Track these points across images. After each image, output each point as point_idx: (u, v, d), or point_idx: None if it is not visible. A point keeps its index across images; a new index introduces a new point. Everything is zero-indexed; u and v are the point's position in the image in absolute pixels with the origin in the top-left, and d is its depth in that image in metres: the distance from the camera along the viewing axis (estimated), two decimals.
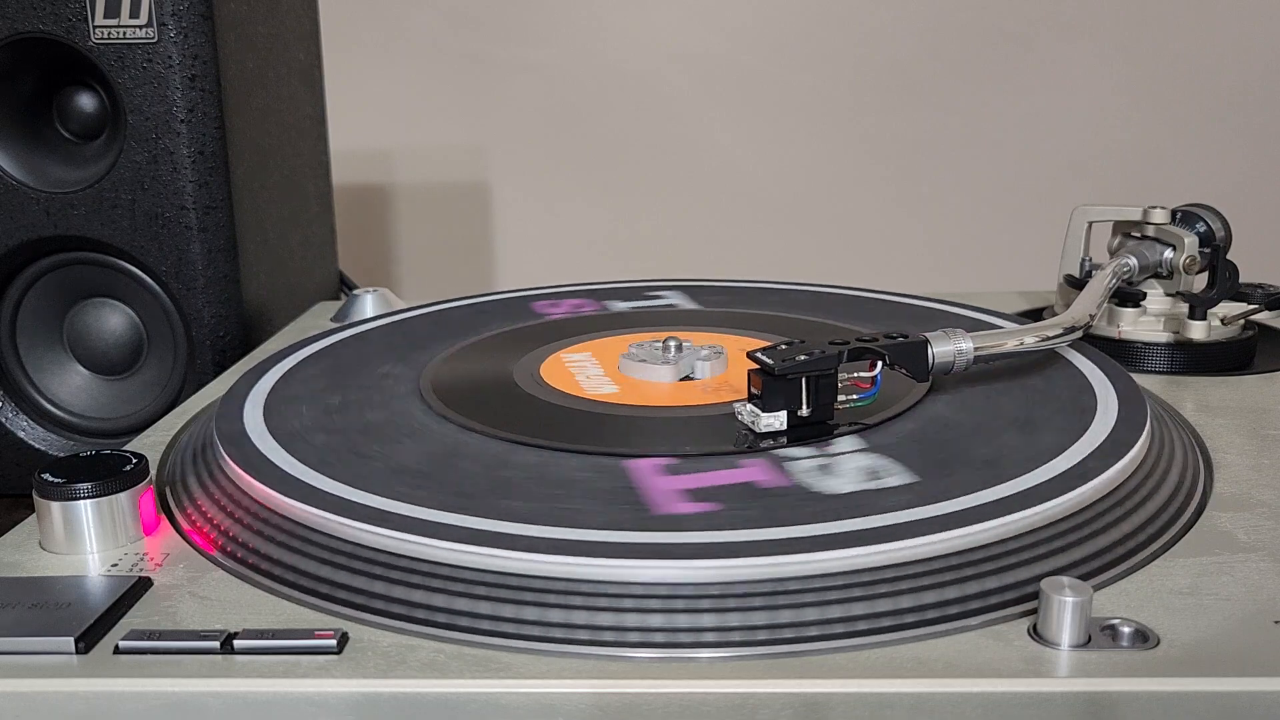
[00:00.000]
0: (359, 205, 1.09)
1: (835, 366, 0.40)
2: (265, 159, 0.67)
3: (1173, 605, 0.30)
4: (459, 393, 0.46)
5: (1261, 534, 0.35)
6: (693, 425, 0.42)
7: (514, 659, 0.29)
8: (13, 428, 0.64)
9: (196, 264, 0.61)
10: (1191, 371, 0.53)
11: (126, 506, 0.36)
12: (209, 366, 0.62)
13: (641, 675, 0.28)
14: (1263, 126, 1.04)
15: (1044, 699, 0.27)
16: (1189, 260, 0.54)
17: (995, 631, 0.29)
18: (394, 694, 0.28)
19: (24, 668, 0.29)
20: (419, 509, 0.34)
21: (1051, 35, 1.03)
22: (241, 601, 0.32)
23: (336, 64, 0.83)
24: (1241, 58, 1.02)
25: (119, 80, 0.59)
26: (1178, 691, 0.27)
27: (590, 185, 1.08)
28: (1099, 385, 0.44)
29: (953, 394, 0.44)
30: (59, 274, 0.63)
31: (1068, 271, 0.60)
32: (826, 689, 0.27)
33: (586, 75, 1.05)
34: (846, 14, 1.03)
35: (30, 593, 0.32)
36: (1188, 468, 0.39)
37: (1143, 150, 1.05)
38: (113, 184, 0.60)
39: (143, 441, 0.47)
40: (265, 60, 0.67)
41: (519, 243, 1.10)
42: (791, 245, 1.08)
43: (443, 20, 1.04)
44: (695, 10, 1.04)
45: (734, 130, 1.06)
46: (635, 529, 0.32)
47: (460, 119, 1.07)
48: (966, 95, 1.04)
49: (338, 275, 0.82)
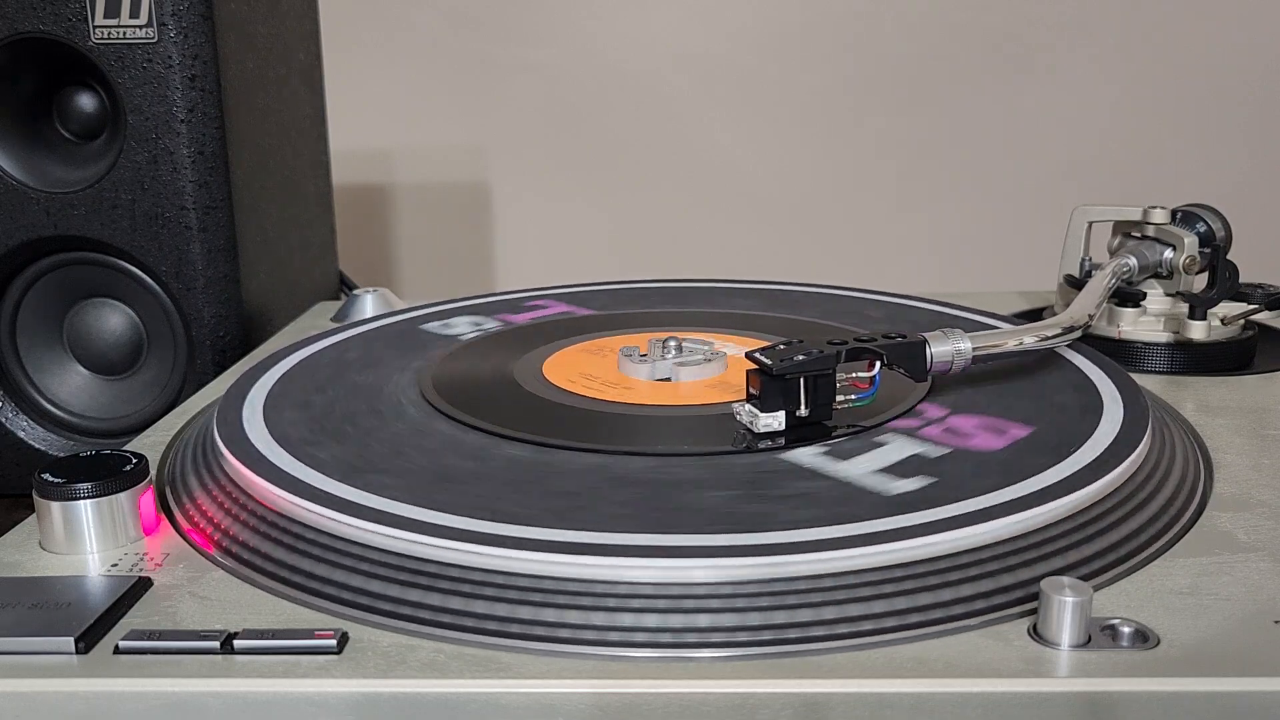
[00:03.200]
0: (359, 205, 1.09)
1: (833, 366, 0.40)
2: (265, 159, 0.67)
3: (1173, 605, 0.30)
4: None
5: (1261, 534, 0.35)
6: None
7: (514, 659, 0.29)
8: (13, 428, 0.64)
9: (196, 264, 0.61)
10: (1191, 371, 0.53)
11: (126, 506, 0.36)
12: (209, 366, 0.62)
13: (641, 675, 0.28)
14: (1263, 126, 1.04)
15: (1044, 699, 0.27)
16: (1189, 260, 0.54)
17: (995, 631, 0.29)
18: (394, 694, 0.28)
19: (24, 668, 0.29)
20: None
21: (1051, 35, 1.03)
22: (241, 601, 0.32)
23: (336, 64, 0.83)
24: (1241, 58, 1.02)
25: (119, 80, 0.59)
26: (1178, 691, 0.27)
27: (590, 185, 1.08)
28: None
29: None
30: (59, 274, 0.63)
31: (1068, 271, 0.60)
32: (826, 689, 0.27)
33: (586, 75, 1.05)
34: (846, 14, 1.03)
35: (30, 593, 0.32)
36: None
37: (1143, 150, 1.05)
38: (113, 184, 0.60)
39: (143, 441, 0.47)
40: (265, 60, 0.67)
41: (519, 243, 1.10)
42: (791, 245, 1.08)
43: (443, 20, 1.04)
44: (695, 10, 1.04)
45: (734, 130, 1.06)
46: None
47: (460, 119, 1.07)
48: (966, 95, 1.04)
49: (338, 275, 0.82)
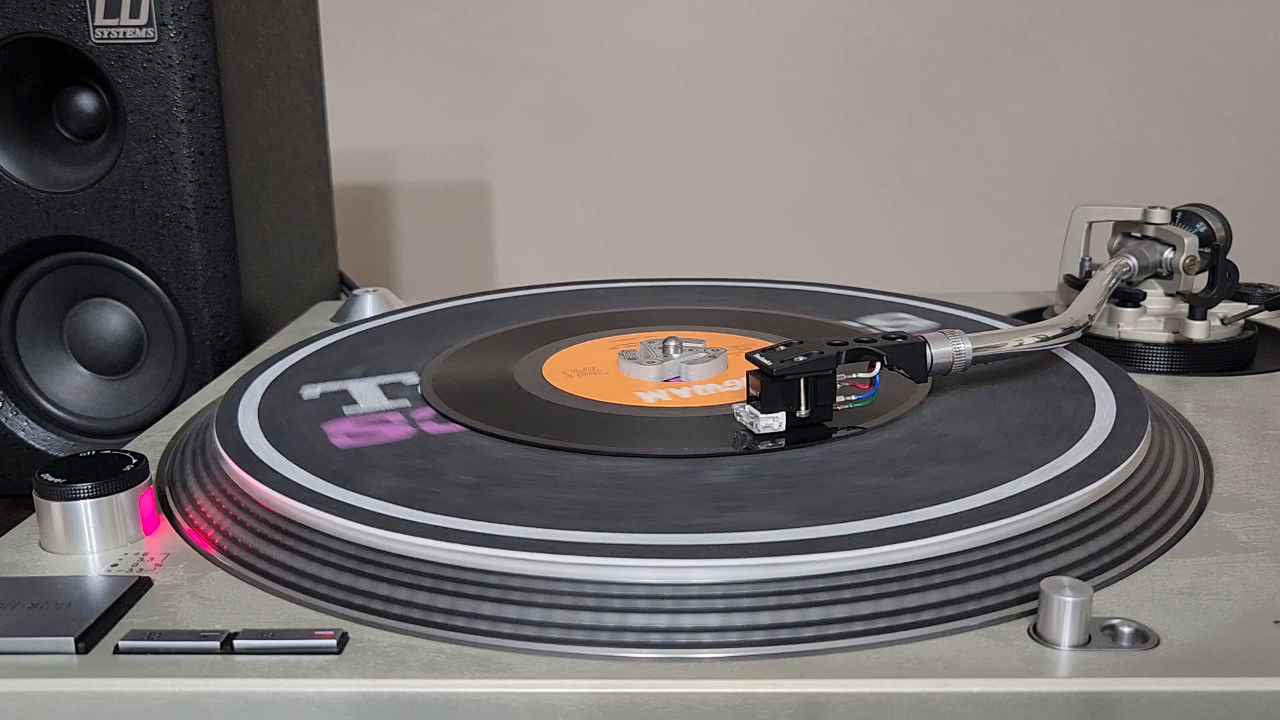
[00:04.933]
0: (359, 205, 1.09)
1: (833, 367, 0.40)
2: (265, 159, 0.67)
3: (1173, 605, 0.30)
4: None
5: (1261, 534, 0.35)
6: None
7: (514, 659, 0.29)
8: (13, 428, 0.64)
9: (196, 264, 0.61)
10: (1191, 371, 0.53)
11: (126, 506, 0.36)
12: (209, 366, 0.62)
13: (641, 675, 0.28)
14: (1263, 126, 1.04)
15: (1044, 699, 0.27)
16: (1189, 260, 0.54)
17: (995, 631, 0.29)
18: (394, 694, 0.28)
19: (24, 668, 0.29)
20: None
21: (1051, 35, 1.03)
22: (241, 601, 0.32)
23: (336, 64, 0.83)
24: (1241, 58, 1.02)
25: (119, 80, 0.59)
26: (1178, 691, 0.27)
27: (591, 185, 1.08)
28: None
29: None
30: (59, 274, 0.63)
31: (1068, 271, 0.60)
32: (826, 689, 0.27)
33: (586, 75, 1.05)
34: (846, 14, 1.03)
35: (30, 593, 0.32)
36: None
37: (1143, 150, 1.05)
38: (113, 184, 0.60)
39: (143, 441, 0.47)
40: (265, 60, 0.67)
41: (519, 243, 1.10)
42: (791, 245, 1.08)
43: (443, 20, 1.04)
44: (695, 10, 1.04)
45: (734, 130, 1.06)
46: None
47: (460, 119, 1.07)
48: (966, 95, 1.04)
49: (338, 275, 0.82)
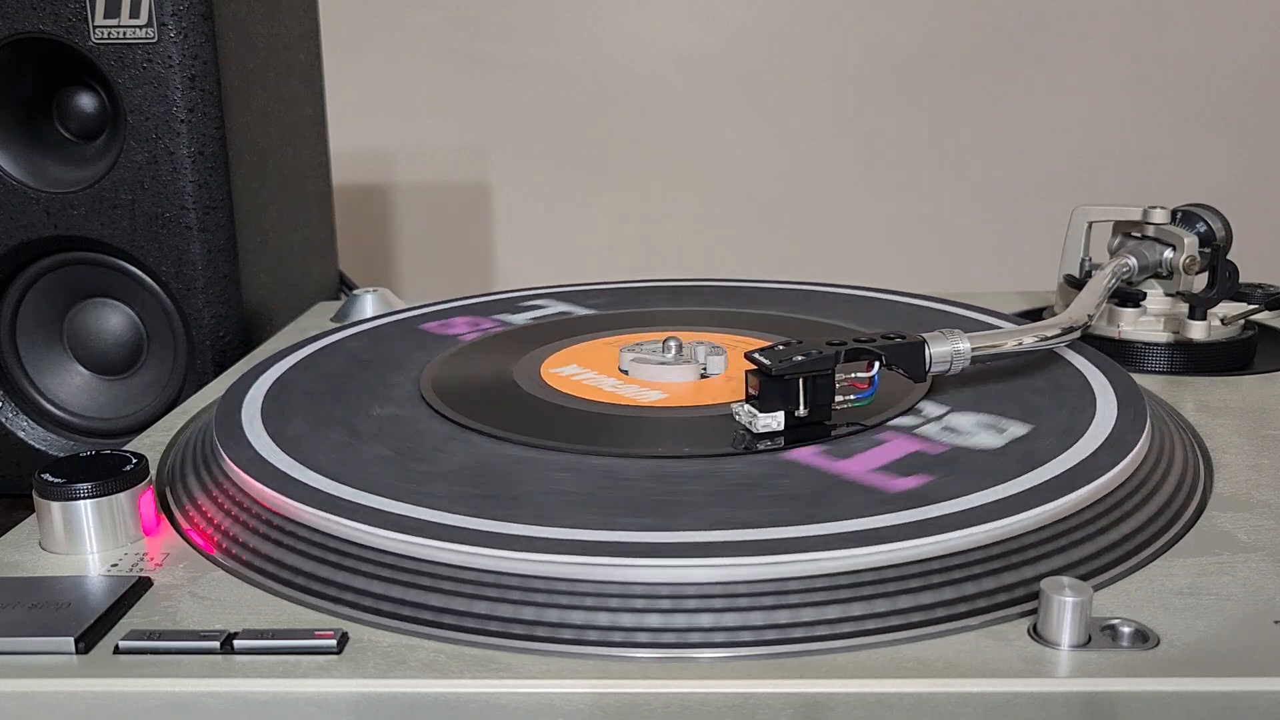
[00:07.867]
0: (359, 205, 1.09)
1: (832, 367, 0.40)
2: (265, 159, 0.67)
3: (1173, 605, 0.30)
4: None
5: (1261, 534, 0.35)
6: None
7: (514, 659, 0.29)
8: (13, 428, 0.64)
9: (196, 264, 0.61)
10: (1191, 371, 0.53)
11: (126, 506, 0.36)
12: (209, 366, 0.62)
13: (641, 675, 0.28)
14: (1263, 126, 1.04)
15: (1044, 699, 0.27)
16: (1189, 260, 0.54)
17: (995, 631, 0.29)
18: (394, 694, 0.28)
19: (24, 668, 0.29)
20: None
21: (1051, 35, 1.03)
22: (241, 601, 0.32)
23: (336, 64, 0.83)
24: (1241, 58, 1.02)
25: (119, 80, 0.59)
26: (1178, 691, 0.27)
27: (590, 185, 1.08)
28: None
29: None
30: (59, 274, 0.63)
31: (1068, 271, 0.60)
32: (826, 689, 0.27)
33: (586, 75, 1.05)
34: (846, 14, 1.03)
35: (30, 593, 0.32)
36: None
37: (1143, 150, 1.05)
38: (113, 184, 0.60)
39: (143, 441, 0.47)
40: (265, 60, 0.67)
41: (519, 243, 1.10)
42: (792, 245, 1.08)
43: (443, 20, 1.04)
44: (695, 10, 1.04)
45: (734, 130, 1.06)
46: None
47: (460, 119, 1.07)
48: (966, 95, 1.04)
49: (338, 275, 0.82)
